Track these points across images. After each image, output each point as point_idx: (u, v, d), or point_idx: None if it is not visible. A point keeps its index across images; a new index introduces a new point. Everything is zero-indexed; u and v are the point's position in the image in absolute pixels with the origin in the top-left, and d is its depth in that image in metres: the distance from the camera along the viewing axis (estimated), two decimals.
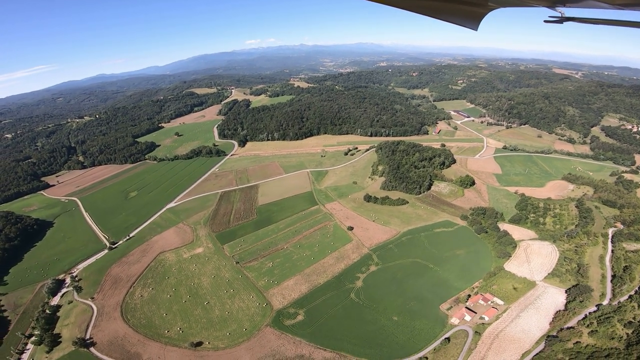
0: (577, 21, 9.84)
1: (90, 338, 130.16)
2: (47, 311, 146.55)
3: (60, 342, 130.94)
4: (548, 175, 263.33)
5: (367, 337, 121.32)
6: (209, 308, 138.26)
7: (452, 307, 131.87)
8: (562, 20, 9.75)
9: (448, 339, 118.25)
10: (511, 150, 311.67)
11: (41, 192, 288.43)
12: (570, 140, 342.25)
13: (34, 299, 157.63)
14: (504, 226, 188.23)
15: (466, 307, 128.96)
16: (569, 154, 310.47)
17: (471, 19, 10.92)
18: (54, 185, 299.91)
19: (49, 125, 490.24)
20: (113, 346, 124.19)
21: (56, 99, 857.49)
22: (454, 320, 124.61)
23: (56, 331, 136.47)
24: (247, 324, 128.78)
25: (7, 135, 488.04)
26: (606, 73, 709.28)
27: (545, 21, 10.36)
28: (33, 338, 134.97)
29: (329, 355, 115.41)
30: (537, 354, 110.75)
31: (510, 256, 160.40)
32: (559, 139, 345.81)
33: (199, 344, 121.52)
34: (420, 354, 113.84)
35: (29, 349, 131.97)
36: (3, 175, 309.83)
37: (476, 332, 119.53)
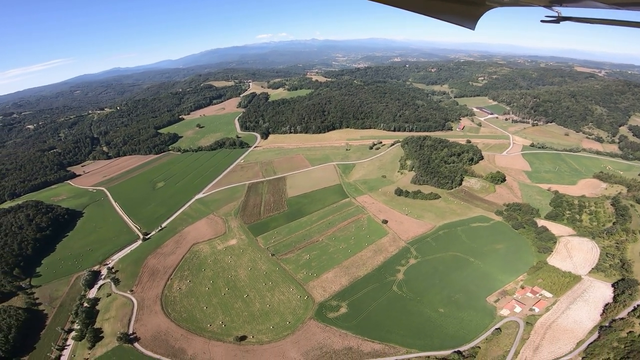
0: (574, 21, 9.74)
1: (134, 333, 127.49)
2: (86, 305, 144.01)
3: (103, 337, 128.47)
4: (578, 173, 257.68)
5: (415, 328, 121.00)
6: (249, 301, 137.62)
7: (499, 299, 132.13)
8: (559, 19, 9.62)
9: (499, 329, 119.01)
10: (539, 147, 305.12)
11: (68, 181, 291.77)
12: (599, 139, 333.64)
13: (70, 292, 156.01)
14: (540, 222, 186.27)
15: (515, 299, 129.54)
16: (597, 152, 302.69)
17: (468, 18, 10.80)
18: (80, 175, 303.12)
19: (71, 117, 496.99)
20: (157, 341, 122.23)
21: (74, 92, 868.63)
22: (504, 312, 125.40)
23: (97, 325, 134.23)
24: (290, 317, 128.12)
25: (29, 126, 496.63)
26: (629, 72, 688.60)
27: (542, 21, 10.17)
28: (73, 333, 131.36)
29: (378, 347, 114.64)
30: (591, 342, 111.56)
31: (552, 251, 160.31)
32: (587, 137, 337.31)
33: (243, 338, 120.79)
34: (472, 344, 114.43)
35: (69, 345, 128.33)
36: (29, 164, 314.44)
37: (527, 322, 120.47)
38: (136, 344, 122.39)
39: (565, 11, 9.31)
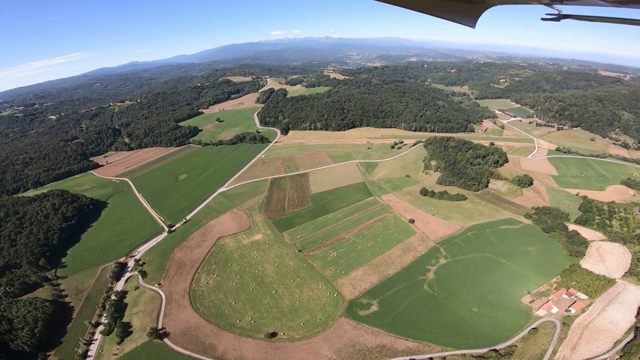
0: (574, 19, 9.61)
1: (163, 328, 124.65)
2: (114, 297, 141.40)
3: (131, 332, 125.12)
4: (605, 179, 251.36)
5: (448, 327, 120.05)
6: (278, 297, 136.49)
7: (534, 300, 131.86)
8: (559, 17, 9.55)
9: (535, 329, 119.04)
10: (564, 152, 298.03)
11: (91, 171, 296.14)
12: (625, 145, 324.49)
13: (96, 284, 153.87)
14: (570, 227, 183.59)
15: (552, 300, 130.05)
16: (624, 159, 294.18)
17: (469, 16, 10.67)
18: (103, 166, 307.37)
19: (92, 108, 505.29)
20: (187, 337, 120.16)
21: (93, 84, 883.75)
22: (540, 312, 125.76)
23: (125, 319, 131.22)
24: (320, 314, 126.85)
25: (51, 117, 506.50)
26: None
27: (543, 19, 10.10)
28: (101, 327, 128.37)
29: (412, 345, 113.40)
30: (628, 342, 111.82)
31: (584, 255, 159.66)
32: (613, 143, 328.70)
33: (274, 334, 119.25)
34: (508, 343, 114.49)
35: (96, 339, 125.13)
36: (53, 154, 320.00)
37: (564, 323, 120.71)
38: (166, 340, 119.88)
39: (565, 9, 9.21)
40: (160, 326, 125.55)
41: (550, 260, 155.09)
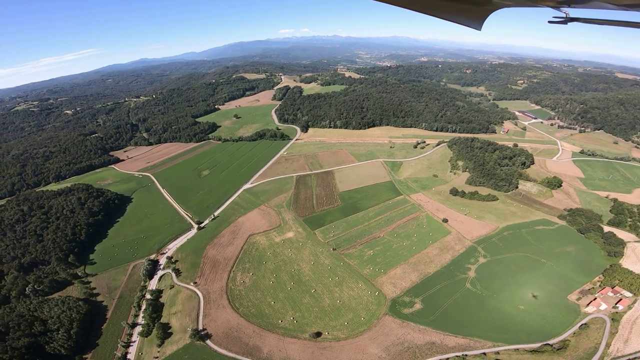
0: (582, 22, 9.57)
1: (204, 329, 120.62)
2: (149, 297, 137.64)
3: (171, 333, 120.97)
4: (632, 182, 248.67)
5: (497, 324, 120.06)
6: (317, 296, 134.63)
7: (581, 297, 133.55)
8: (566, 20, 9.51)
9: (586, 324, 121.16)
10: (589, 155, 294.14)
11: (112, 166, 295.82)
12: None
13: (129, 282, 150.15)
14: (604, 228, 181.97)
15: (599, 297, 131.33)
16: None
17: (475, 18, 10.58)
18: (123, 160, 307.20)
19: (108, 104, 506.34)
20: (229, 338, 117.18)
21: (106, 80, 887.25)
22: (589, 309, 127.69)
23: (164, 320, 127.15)
24: (363, 313, 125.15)
25: (67, 112, 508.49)
26: None
27: (550, 22, 10.07)
28: (139, 328, 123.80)
29: (462, 341, 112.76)
30: None
31: (623, 255, 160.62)
32: (636, 146, 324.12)
33: (319, 334, 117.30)
34: (560, 338, 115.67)
35: (135, 341, 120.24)
36: (73, 148, 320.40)
37: (613, 319, 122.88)
38: (208, 342, 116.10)
39: (573, 12, 9.07)
40: (201, 327, 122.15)
41: (590, 260, 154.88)
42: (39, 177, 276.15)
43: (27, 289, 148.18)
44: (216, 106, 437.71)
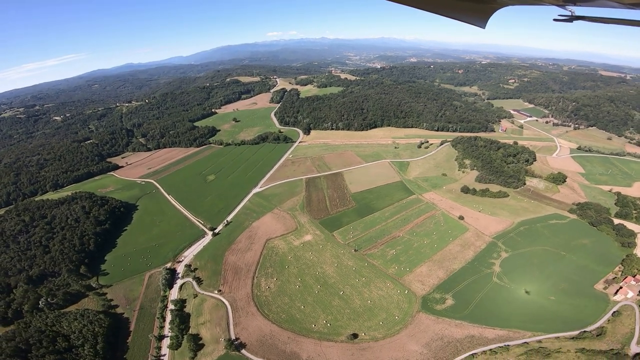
0: (588, 20, 9.60)
1: (237, 338, 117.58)
2: (172, 307, 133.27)
3: (203, 344, 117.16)
4: (629, 176, 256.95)
5: (531, 314, 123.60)
6: (347, 298, 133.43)
7: (607, 286, 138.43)
8: (572, 19, 9.48)
9: (617, 312, 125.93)
10: (585, 151, 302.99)
11: (111, 173, 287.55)
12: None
13: (147, 292, 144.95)
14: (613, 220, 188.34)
15: (626, 286, 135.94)
16: None
17: (479, 17, 10.61)
18: (122, 167, 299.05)
19: (98, 109, 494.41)
20: (265, 346, 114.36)
21: (92, 86, 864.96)
22: (618, 297, 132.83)
23: (192, 331, 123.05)
24: (396, 312, 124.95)
25: (55, 118, 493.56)
26: None
27: (555, 20, 10.04)
28: (168, 341, 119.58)
29: (502, 332, 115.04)
30: None
31: (636, 246, 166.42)
32: (629, 142, 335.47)
33: (355, 335, 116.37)
34: (596, 325, 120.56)
35: (164, 355, 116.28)
36: (68, 155, 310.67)
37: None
38: (244, 351, 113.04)
39: (578, 10, 9.12)
40: (233, 336, 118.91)
41: (607, 251, 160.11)
42: (35, 186, 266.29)
43: (40, 302, 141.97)
44: (213, 110, 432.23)
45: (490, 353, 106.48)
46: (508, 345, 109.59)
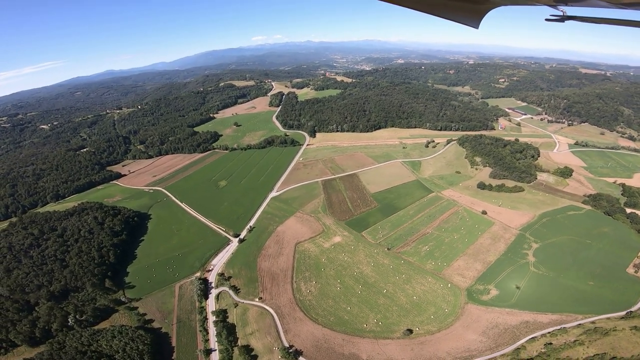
0: (579, 20, 9.74)
1: (292, 345, 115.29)
2: (215, 318, 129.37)
3: (256, 355, 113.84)
4: (628, 168, 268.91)
5: (575, 299, 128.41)
6: (392, 295, 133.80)
7: (637, 270, 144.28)
8: (563, 19, 9.65)
9: None
10: (582, 146, 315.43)
11: (114, 181, 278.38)
12: (631, 138, 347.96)
13: (181, 304, 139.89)
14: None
15: None
16: (635, 150, 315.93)
17: (472, 17, 10.72)
18: (125, 175, 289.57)
19: (88, 117, 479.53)
20: (322, 351, 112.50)
21: (74, 93, 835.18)
22: None
23: (241, 342, 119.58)
24: (445, 305, 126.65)
25: (43, 126, 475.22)
26: (632, 73, 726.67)
27: (547, 19, 10.17)
28: (217, 355, 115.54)
29: (555, 317, 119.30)
30: None
31: None
32: (621, 136, 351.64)
33: (410, 331, 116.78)
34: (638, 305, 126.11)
35: None
36: (65, 164, 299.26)
37: None
38: (301, 358, 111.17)
39: (570, 10, 9.26)
40: (287, 344, 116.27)
41: (627, 237, 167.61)
42: (34, 197, 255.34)
43: (69, 319, 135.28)
44: (211, 115, 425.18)
45: (550, 335, 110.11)
46: (565, 327, 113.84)
